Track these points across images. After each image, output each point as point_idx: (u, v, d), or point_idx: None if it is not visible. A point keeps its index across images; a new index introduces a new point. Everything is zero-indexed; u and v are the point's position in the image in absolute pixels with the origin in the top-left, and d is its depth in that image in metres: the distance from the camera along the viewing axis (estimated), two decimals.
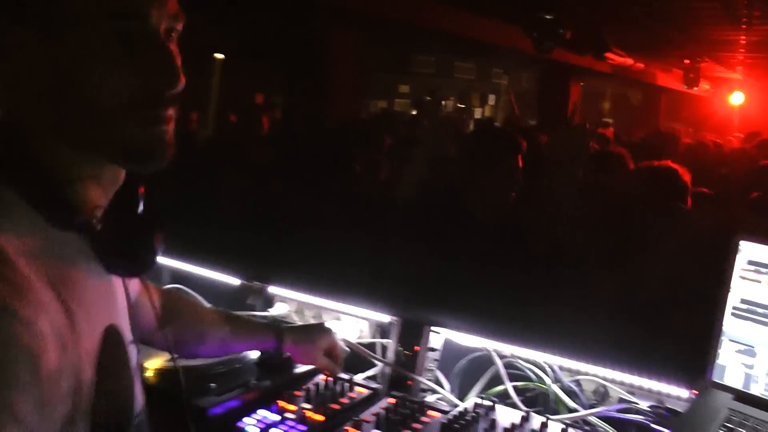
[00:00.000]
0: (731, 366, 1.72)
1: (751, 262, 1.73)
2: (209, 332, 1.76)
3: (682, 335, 1.94)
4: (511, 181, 3.32)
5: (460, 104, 21.03)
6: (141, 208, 1.16)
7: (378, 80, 17.01)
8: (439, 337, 2.15)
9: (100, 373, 1.04)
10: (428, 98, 17.23)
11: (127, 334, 1.18)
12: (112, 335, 1.10)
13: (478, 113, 20.99)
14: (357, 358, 2.20)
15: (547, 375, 2.02)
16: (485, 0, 8.17)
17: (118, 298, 1.18)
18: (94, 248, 1.07)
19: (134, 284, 1.35)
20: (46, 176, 1.00)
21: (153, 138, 1.03)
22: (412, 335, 2.15)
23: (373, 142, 5.26)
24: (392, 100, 20.17)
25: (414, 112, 14.07)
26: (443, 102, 19.95)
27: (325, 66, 7.75)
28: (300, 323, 2.41)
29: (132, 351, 1.18)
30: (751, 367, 1.70)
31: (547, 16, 7.29)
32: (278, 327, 1.96)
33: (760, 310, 1.71)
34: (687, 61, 13.09)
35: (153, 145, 1.04)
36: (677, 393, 1.85)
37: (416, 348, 2.13)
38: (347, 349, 2.20)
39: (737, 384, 1.71)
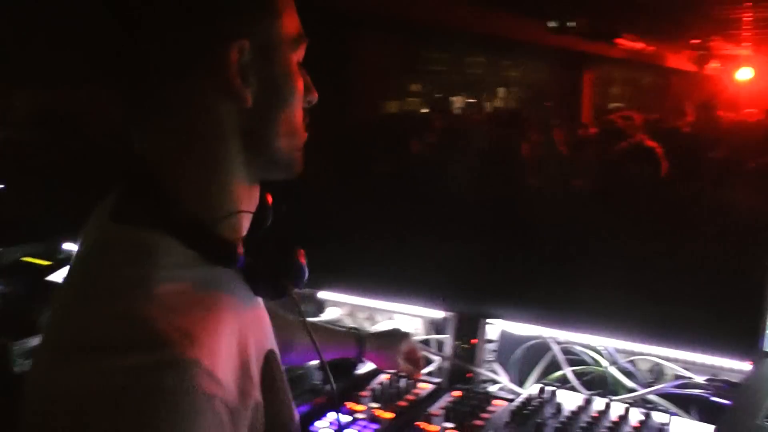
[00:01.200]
0: None
1: None
2: (296, 340, 1.73)
3: (732, 308, 2.00)
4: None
5: (470, 99, 20.99)
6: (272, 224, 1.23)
7: (389, 80, 17.01)
8: (494, 328, 2.23)
9: (266, 397, 1.09)
10: (438, 96, 17.24)
11: (278, 354, 1.23)
12: (271, 358, 1.16)
13: (488, 107, 20.90)
14: None
15: (604, 357, 2.09)
16: None
17: (266, 320, 1.24)
18: (245, 274, 1.12)
19: None
20: (199, 217, 1.04)
21: (301, 148, 1.15)
22: (467, 329, 2.22)
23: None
24: (403, 99, 20.13)
25: (425, 111, 14.07)
26: (452, 98, 19.93)
27: (348, 69, 7.79)
28: (353, 326, 2.39)
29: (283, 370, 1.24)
30: None
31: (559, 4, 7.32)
32: (358, 334, 1.98)
33: None
34: (696, 42, 13.06)
35: (301, 154, 1.16)
36: (731, 365, 1.92)
37: (473, 341, 2.19)
38: (424, 351, 2.23)
39: None
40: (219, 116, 1.04)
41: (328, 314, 2.55)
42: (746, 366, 1.88)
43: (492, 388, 2.13)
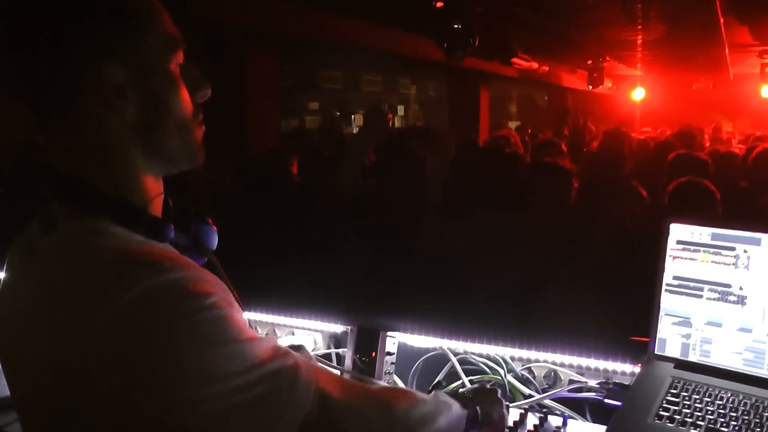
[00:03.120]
0: (670, 338, 1.87)
1: (679, 242, 1.89)
2: None
3: (623, 314, 2.07)
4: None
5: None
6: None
7: (288, 98, 17.00)
8: (393, 341, 2.24)
9: None
10: (338, 113, 17.31)
11: None
12: None
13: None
14: None
15: (500, 366, 2.13)
16: (392, 11, 8.28)
17: None
18: (173, 243, 1.21)
19: None
20: (132, 203, 1.15)
21: (199, 140, 1.22)
22: (366, 342, 2.23)
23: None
24: (303, 117, 20.14)
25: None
26: (353, 116, 20.05)
27: (242, 87, 7.76)
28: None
29: None
30: (687, 336, 1.85)
31: (456, 26, 7.44)
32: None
33: (691, 284, 1.86)
34: (590, 62, 13.52)
35: (200, 146, 1.23)
36: (622, 369, 1.99)
37: (373, 354, 2.21)
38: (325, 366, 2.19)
39: (676, 353, 1.86)
40: (111, 129, 1.12)
41: None
42: (636, 369, 1.94)
43: None
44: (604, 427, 1.69)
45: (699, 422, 1.63)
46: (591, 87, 14.25)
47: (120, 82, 1.08)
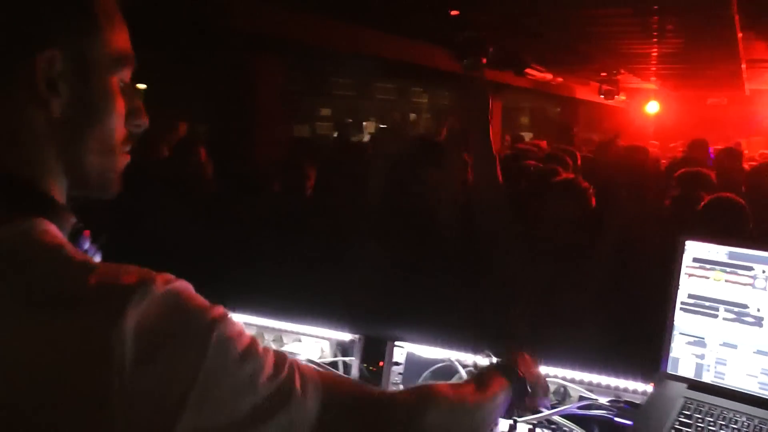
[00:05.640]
0: (684, 357, 1.84)
1: (695, 260, 1.86)
2: None
3: (636, 333, 2.04)
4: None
5: (382, 125, 21.26)
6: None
7: (299, 104, 17.05)
8: (401, 351, 2.22)
9: None
10: (350, 120, 17.36)
11: None
12: None
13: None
14: None
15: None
16: (406, 21, 8.29)
17: None
18: None
19: None
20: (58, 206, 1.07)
21: (120, 170, 1.16)
22: (373, 351, 2.21)
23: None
24: (313, 123, 20.21)
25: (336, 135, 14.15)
26: (364, 123, 20.13)
27: (251, 93, 7.76)
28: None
29: None
30: (701, 357, 1.82)
31: (470, 36, 7.42)
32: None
33: (706, 303, 1.83)
34: (603, 74, 13.50)
35: (118, 175, 1.16)
36: (634, 387, 1.96)
37: (381, 363, 2.18)
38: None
39: (690, 374, 1.83)
40: (29, 122, 1.04)
41: None
42: (648, 387, 1.91)
43: None
44: None
45: None
46: (604, 99, 14.24)
47: (54, 74, 1.02)
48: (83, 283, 0.92)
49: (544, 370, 2.06)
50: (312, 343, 2.39)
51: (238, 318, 2.47)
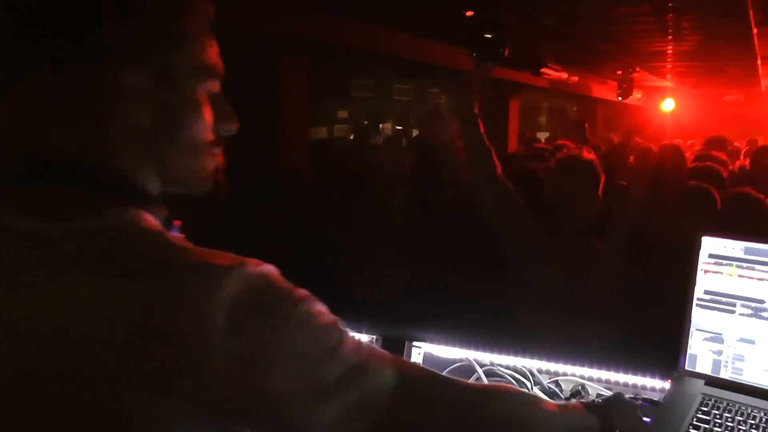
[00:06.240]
0: (701, 354, 1.84)
1: (711, 256, 1.86)
2: None
3: (654, 329, 2.04)
4: None
5: (399, 126, 21.26)
6: None
7: (317, 106, 17.07)
8: (419, 351, 2.22)
9: None
10: (366, 122, 17.35)
11: None
12: None
13: (414, 134, 21.16)
14: None
15: (527, 379, 2.10)
16: (423, 21, 8.28)
17: None
18: None
19: None
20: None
21: (209, 170, 1.23)
22: (391, 352, 2.21)
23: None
24: (332, 126, 20.23)
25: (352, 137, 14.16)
26: (381, 125, 20.12)
27: (275, 94, 7.76)
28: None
29: None
30: (719, 353, 1.82)
31: (487, 36, 7.42)
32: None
33: (723, 299, 1.83)
34: (620, 73, 13.44)
35: (208, 175, 1.23)
36: (651, 384, 1.96)
37: None
38: None
39: (707, 370, 1.83)
40: (122, 129, 1.12)
41: None
42: (666, 384, 1.91)
43: None
44: None
45: None
46: (620, 98, 14.18)
47: (142, 86, 1.10)
48: (181, 259, 1.02)
49: (562, 368, 2.07)
50: None
51: None
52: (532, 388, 2.08)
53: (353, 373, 1.09)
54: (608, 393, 1.97)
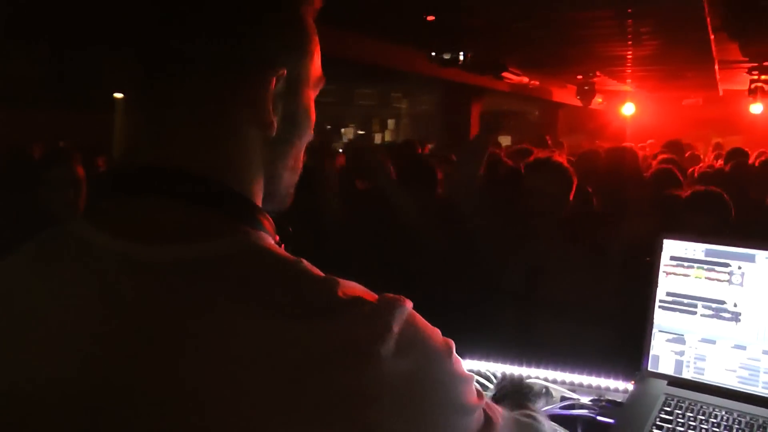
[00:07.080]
0: (664, 355, 1.86)
1: (673, 258, 1.88)
2: None
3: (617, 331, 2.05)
4: None
5: (360, 131, 21.28)
6: None
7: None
8: None
9: None
10: (328, 127, 17.31)
11: None
12: None
13: (377, 138, 21.18)
14: None
15: (490, 382, 2.11)
16: (385, 25, 8.30)
17: None
18: None
19: None
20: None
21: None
22: None
23: None
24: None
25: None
26: (342, 130, 20.10)
27: None
28: None
29: None
30: (681, 353, 1.84)
31: (447, 39, 7.46)
32: None
33: (684, 301, 1.85)
34: (580, 77, 13.58)
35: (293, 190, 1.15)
36: (615, 386, 1.98)
37: None
38: None
39: (670, 371, 1.85)
40: (246, 141, 1.03)
41: None
42: (629, 385, 1.93)
43: None
44: None
45: None
46: (581, 102, 14.32)
47: (278, 92, 1.02)
48: (334, 296, 0.90)
49: (526, 372, 2.08)
50: None
51: None
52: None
53: (486, 428, 1.07)
54: (572, 395, 1.99)
